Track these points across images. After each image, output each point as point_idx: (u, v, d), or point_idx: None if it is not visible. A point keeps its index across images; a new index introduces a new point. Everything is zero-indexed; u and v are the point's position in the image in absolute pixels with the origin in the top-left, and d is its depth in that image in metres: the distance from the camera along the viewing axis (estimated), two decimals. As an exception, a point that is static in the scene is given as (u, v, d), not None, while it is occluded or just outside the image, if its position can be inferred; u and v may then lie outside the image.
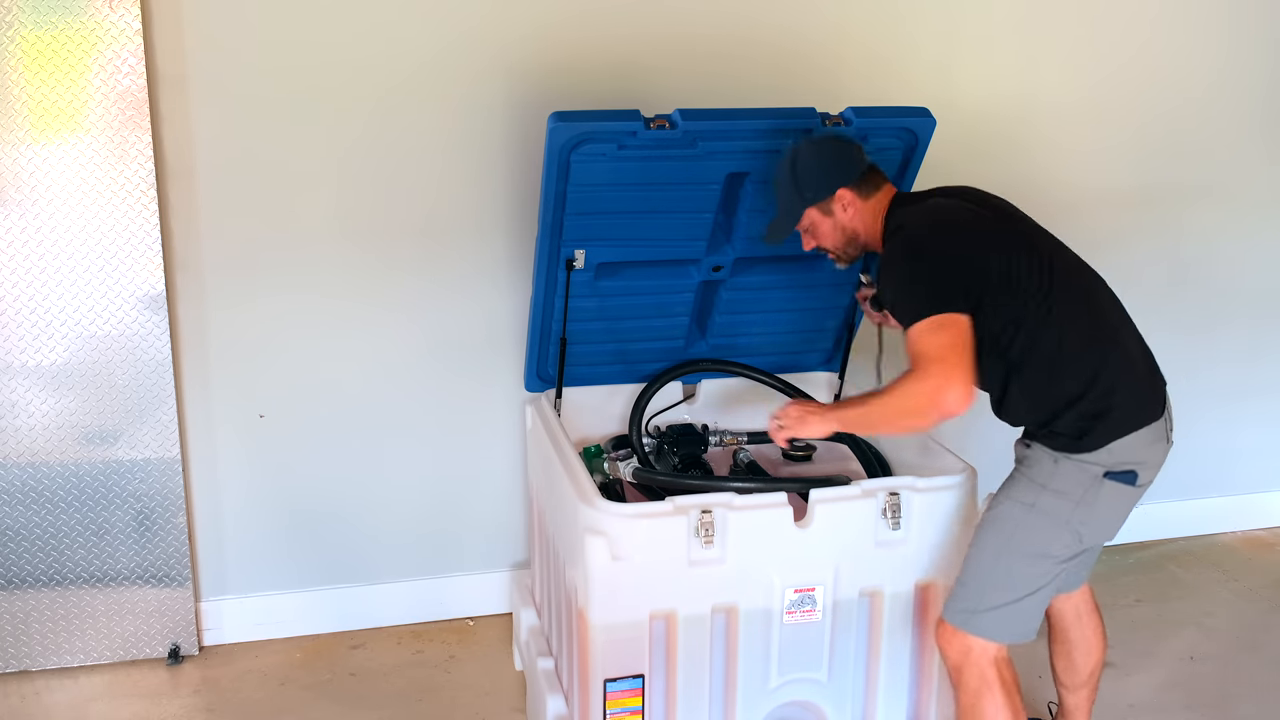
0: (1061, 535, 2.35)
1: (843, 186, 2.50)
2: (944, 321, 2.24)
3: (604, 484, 2.86)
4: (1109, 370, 2.33)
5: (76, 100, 2.91)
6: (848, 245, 2.57)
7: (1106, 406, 2.31)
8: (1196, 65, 3.69)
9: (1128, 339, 2.42)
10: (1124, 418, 2.32)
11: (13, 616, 3.18)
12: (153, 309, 3.07)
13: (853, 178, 2.50)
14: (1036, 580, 2.37)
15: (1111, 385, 2.32)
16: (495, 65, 3.15)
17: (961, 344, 2.23)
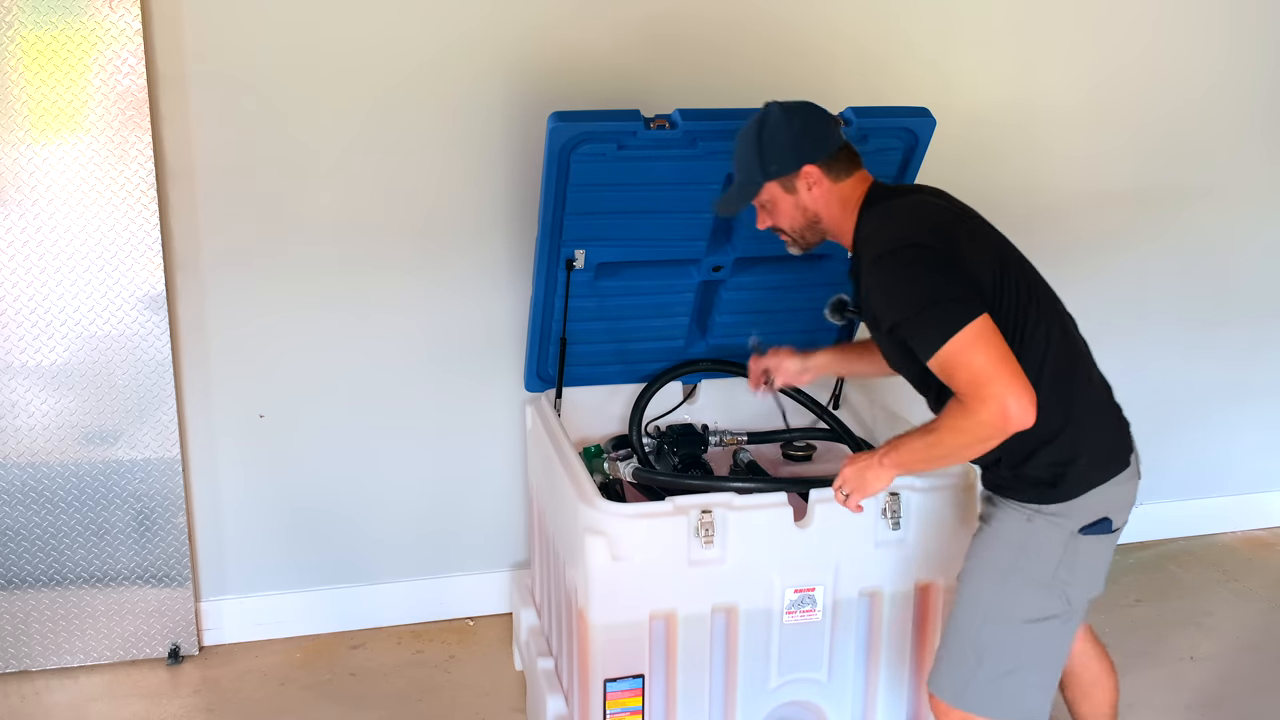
0: (1048, 599, 2.18)
1: (811, 163, 2.24)
2: (979, 333, 2.01)
3: (604, 484, 2.86)
4: (1083, 408, 2.18)
5: (76, 100, 2.91)
6: (807, 229, 2.33)
7: (1078, 452, 2.15)
8: (1196, 66, 3.69)
9: (1097, 375, 2.28)
10: (1097, 464, 2.17)
11: (13, 616, 3.18)
12: (153, 309, 3.07)
13: (823, 154, 2.24)
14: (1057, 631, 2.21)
15: (1085, 424, 2.17)
16: (495, 65, 3.16)
17: (1004, 350, 2.01)
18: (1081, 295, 3.80)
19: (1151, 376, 3.93)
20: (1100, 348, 3.91)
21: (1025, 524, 2.18)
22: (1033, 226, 3.70)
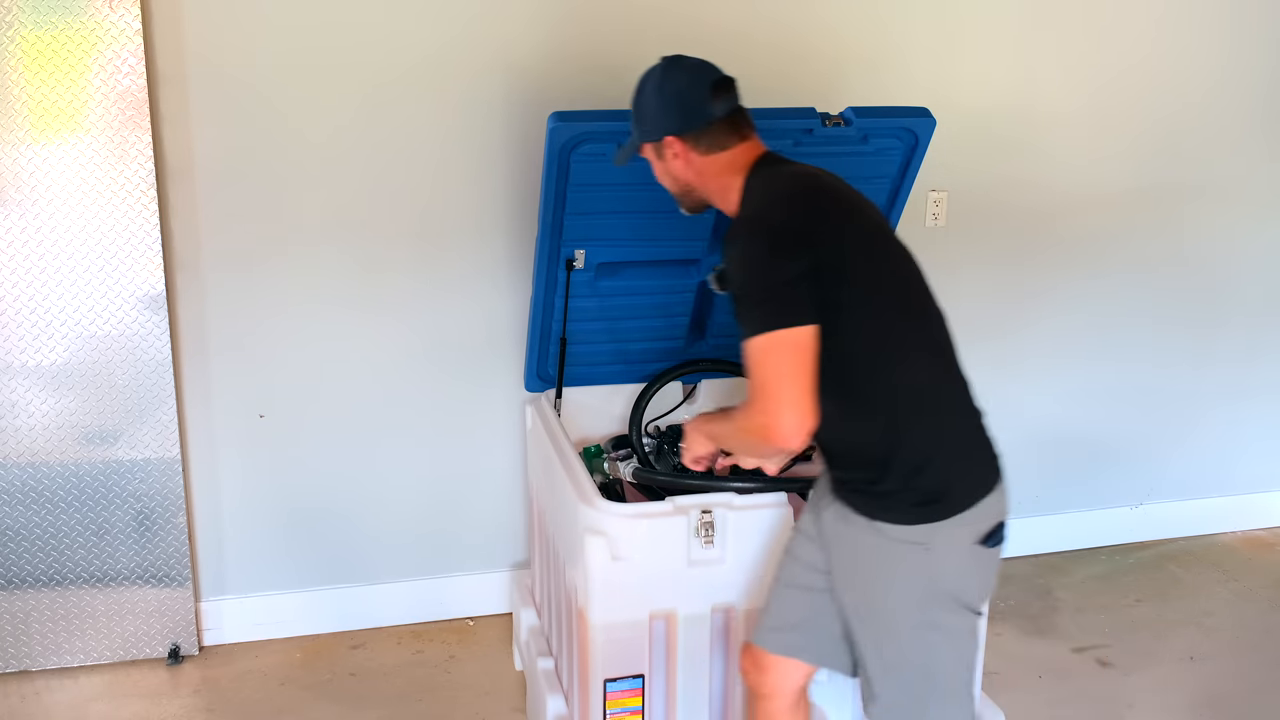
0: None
1: (672, 134, 2.11)
2: (784, 341, 1.86)
3: (604, 484, 2.86)
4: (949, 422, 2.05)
5: (76, 100, 2.91)
6: (682, 194, 2.21)
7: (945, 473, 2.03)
8: (1197, 66, 3.69)
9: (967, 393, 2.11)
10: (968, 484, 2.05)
11: (13, 616, 3.18)
12: (153, 309, 3.07)
13: (691, 127, 2.10)
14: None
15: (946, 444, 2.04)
16: (495, 66, 3.15)
17: (800, 367, 1.86)
18: (1081, 295, 3.82)
19: (1152, 376, 3.94)
20: (1100, 348, 3.94)
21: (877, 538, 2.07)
22: (1033, 226, 3.71)
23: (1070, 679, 3.24)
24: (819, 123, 2.66)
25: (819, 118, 2.67)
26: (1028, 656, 3.34)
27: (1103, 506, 4.02)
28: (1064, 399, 3.87)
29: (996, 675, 3.19)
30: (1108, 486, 4.01)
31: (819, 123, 2.66)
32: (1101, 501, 4.02)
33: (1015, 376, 3.80)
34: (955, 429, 2.06)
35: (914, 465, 1.99)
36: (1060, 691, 3.17)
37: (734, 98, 2.15)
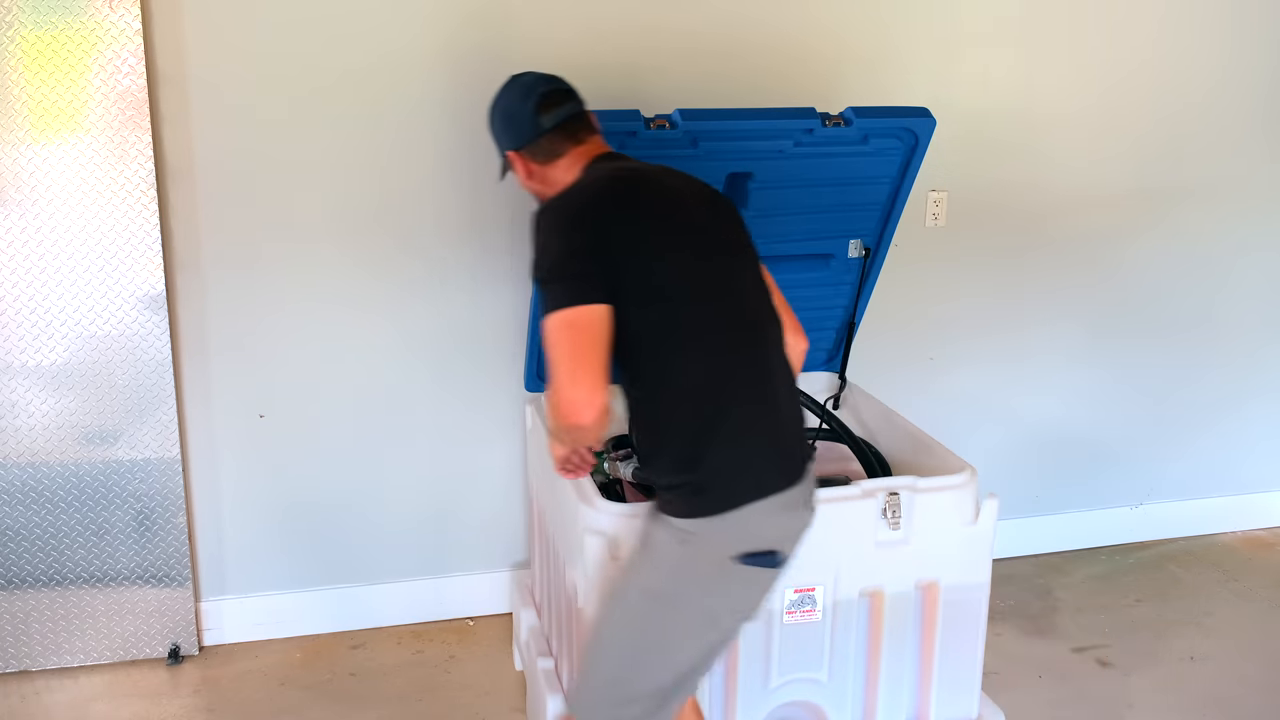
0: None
1: (510, 150, 2.24)
2: (574, 320, 1.91)
3: (604, 484, 2.86)
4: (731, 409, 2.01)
5: (76, 100, 2.91)
6: (539, 200, 2.24)
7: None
8: (1199, 68, 3.69)
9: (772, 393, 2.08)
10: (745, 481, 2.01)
11: (13, 616, 3.18)
12: (153, 309, 3.07)
13: (523, 141, 2.20)
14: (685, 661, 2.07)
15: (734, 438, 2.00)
16: (496, 65, 3.15)
17: (589, 345, 1.91)
18: (1081, 295, 3.82)
19: (1152, 376, 3.94)
20: (1100, 348, 3.94)
21: (679, 546, 2.05)
22: (1033, 227, 3.71)
23: (1070, 679, 3.24)
24: (819, 123, 2.66)
25: (819, 118, 2.67)
26: (1028, 656, 3.34)
27: (1103, 506, 4.03)
28: (1064, 399, 3.87)
29: (996, 675, 3.19)
30: (1108, 486, 4.01)
31: (819, 123, 2.66)
32: (1101, 501, 4.02)
33: (1015, 376, 3.80)
34: (734, 424, 2.01)
35: (685, 457, 2.00)
36: (1060, 691, 3.17)
37: (567, 108, 2.24)
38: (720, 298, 2.06)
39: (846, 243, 3.01)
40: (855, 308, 3.15)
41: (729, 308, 2.06)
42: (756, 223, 2.83)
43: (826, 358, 3.28)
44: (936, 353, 3.71)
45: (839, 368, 3.25)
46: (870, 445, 2.98)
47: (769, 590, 2.09)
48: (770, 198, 2.81)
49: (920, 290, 3.62)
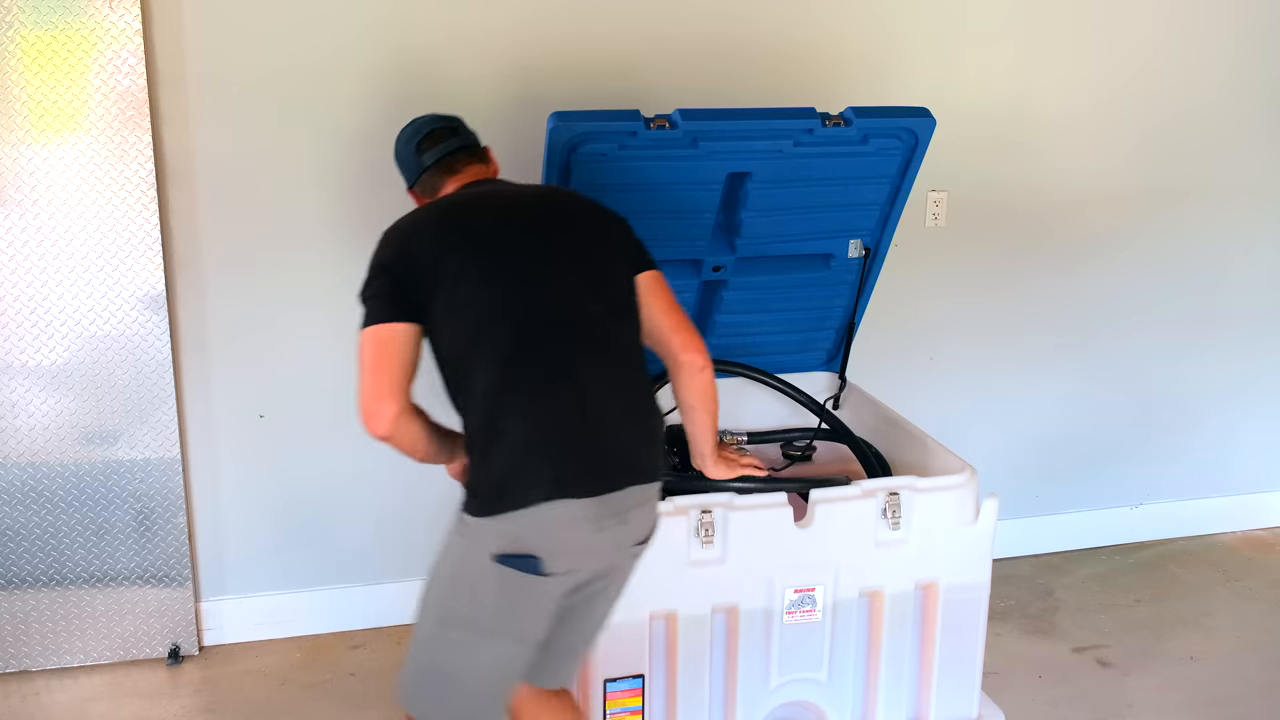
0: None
1: (408, 189, 2.44)
2: (374, 338, 2.05)
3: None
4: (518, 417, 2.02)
5: (76, 100, 2.91)
6: None
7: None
8: (1200, 70, 3.69)
9: (585, 397, 2.06)
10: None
11: (13, 616, 3.18)
12: (153, 309, 3.07)
13: (412, 180, 2.40)
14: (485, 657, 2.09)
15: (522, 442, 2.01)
16: (495, 65, 3.16)
17: (384, 362, 2.04)
18: (1081, 296, 3.82)
19: (1152, 376, 3.94)
20: (1100, 348, 3.94)
21: (458, 534, 2.10)
22: (1033, 227, 3.71)
23: (1070, 679, 3.24)
24: (819, 123, 2.66)
25: (819, 118, 2.67)
26: (1028, 656, 3.34)
27: (1103, 506, 4.02)
28: (1064, 399, 3.87)
29: (996, 675, 3.18)
30: (1108, 486, 4.01)
31: (819, 123, 2.66)
32: (1101, 501, 4.02)
33: (1015, 376, 3.80)
34: (517, 432, 2.02)
35: (473, 461, 2.07)
36: (1060, 691, 3.17)
37: (446, 144, 2.36)
38: (528, 313, 2.08)
39: (846, 243, 3.01)
40: (855, 308, 3.15)
41: (537, 322, 2.07)
42: (756, 223, 2.85)
43: (826, 358, 3.28)
44: (936, 353, 3.71)
45: (839, 368, 3.25)
46: (870, 445, 2.98)
47: (535, 599, 2.05)
48: (770, 197, 2.81)
49: (920, 290, 3.62)
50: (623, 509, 2.06)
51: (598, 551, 2.08)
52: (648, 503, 2.13)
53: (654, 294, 2.23)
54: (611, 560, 2.13)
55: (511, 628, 2.07)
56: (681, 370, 2.25)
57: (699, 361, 2.24)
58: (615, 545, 2.10)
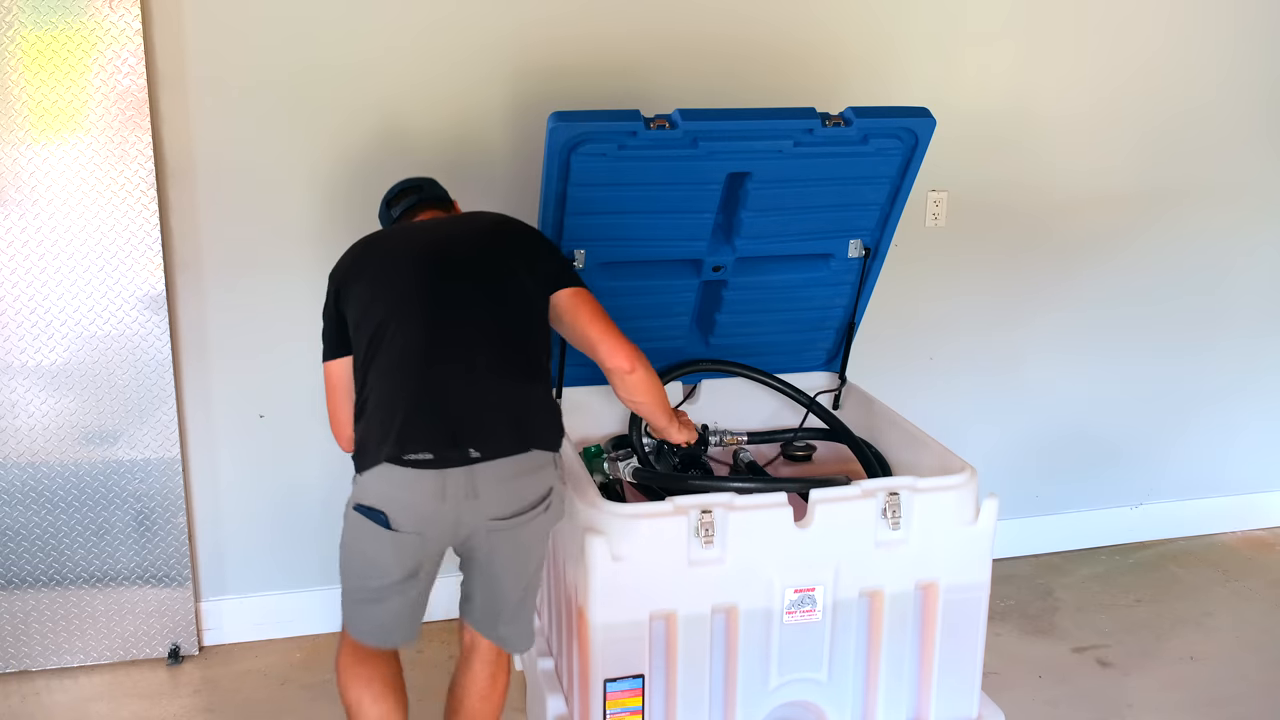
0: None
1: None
2: (328, 372, 2.47)
3: (604, 484, 2.86)
4: (380, 397, 2.31)
5: (76, 100, 2.91)
6: None
7: (367, 434, 2.33)
8: (1200, 70, 3.69)
9: (424, 370, 2.29)
10: (370, 449, 2.31)
11: (13, 616, 3.18)
12: (153, 309, 3.07)
13: (386, 227, 2.68)
14: (365, 586, 2.45)
15: (377, 412, 2.30)
16: (495, 65, 3.16)
17: (336, 394, 2.48)
18: (1081, 296, 3.83)
19: (1152, 376, 3.94)
20: (1099, 348, 3.94)
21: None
22: (1033, 227, 3.71)
23: (1070, 679, 3.24)
24: (819, 123, 2.66)
25: (819, 118, 2.67)
26: (1028, 656, 3.34)
27: (1103, 506, 4.03)
28: (1064, 399, 3.87)
29: (996, 675, 3.19)
30: (1108, 486, 4.01)
31: (819, 123, 2.66)
32: (1101, 501, 4.02)
33: (1015, 376, 3.80)
34: (389, 414, 2.30)
35: (358, 424, 2.39)
36: (1060, 691, 3.17)
37: (409, 199, 2.67)
38: (409, 305, 2.34)
39: (846, 243, 3.01)
40: (855, 308, 3.15)
41: (416, 313, 2.33)
42: (757, 223, 2.84)
43: (826, 358, 3.28)
44: (936, 353, 3.71)
45: (839, 367, 3.25)
46: (870, 445, 2.98)
47: (391, 547, 2.34)
48: (770, 197, 2.81)
49: (920, 290, 3.62)
50: (470, 484, 2.25)
51: (443, 520, 2.29)
52: (509, 480, 2.28)
53: (575, 310, 2.44)
54: (469, 529, 2.31)
55: (376, 567, 2.40)
56: (612, 376, 2.48)
57: (625, 366, 2.44)
58: (463, 516, 2.28)
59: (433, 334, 2.31)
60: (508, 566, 2.39)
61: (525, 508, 2.31)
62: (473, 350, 2.31)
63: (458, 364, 2.29)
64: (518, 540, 2.35)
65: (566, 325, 2.46)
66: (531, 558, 2.40)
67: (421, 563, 2.38)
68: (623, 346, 2.44)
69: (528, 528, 2.33)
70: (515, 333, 2.38)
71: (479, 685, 2.51)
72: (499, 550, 2.36)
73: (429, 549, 2.36)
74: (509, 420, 2.29)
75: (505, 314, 2.37)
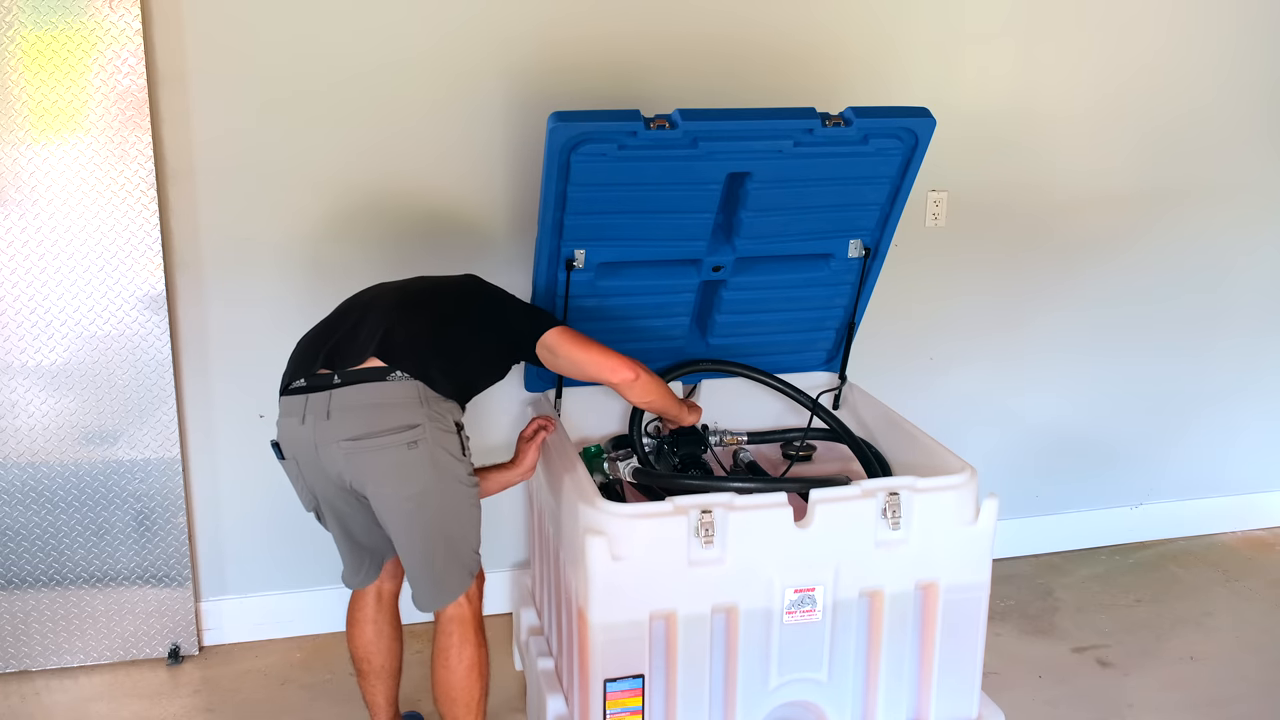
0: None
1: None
2: None
3: (604, 484, 2.86)
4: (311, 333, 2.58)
5: (76, 100, 2.91)
6: None
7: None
8: (1200, 70, 3.69)
9: (331, 323, 2.56)
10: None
11: (13, 616, 3.18)
12: (153, 309, 3.07)
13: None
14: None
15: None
16: (495, 65, 3.16)
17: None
18: (1081, 296, 3.83)
19: (1152, 376, 3.94)
20: (1100, 348, 3.94)
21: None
22: (1033, 227, 3.72)
23: (1070, 679, 3.24)
24: (819, 123, 2.66)
25: (819, 118, 2.67)
26: (1028, 656, 3.34)
27: (1103, 506, 4.03)
28: (1064, 399, 3.87)
29: (996, 675, 3.19)
30: (1108, 486, 4.01)
31: (819, 123, 2.66)
32: (1101, 501, 4.02)
33: (1015, 376, 3.80)
34: (296, 358, 2.57)
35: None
36: (1060, 691, 3.17)
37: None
38: (343, 317, 2.59)
39: (846, 243, 3.01)
40: (855, 308, 3.15)
41: (360, 303, 2.61)
42: (757, 223, 2.84)
43: (826, 358, 3.28)
44: (936, 353, 3.71)
45: (839, 367, 3.25)
46: (870, 445, 2.98)
47: (293, 478, 2.54)
48: (770, 197, 2.81)
49: (920, 290, 3.62)
50: (326, 406, 2.41)
51: (305, 443, 2.44)
52: (365, 407, 2.40)
53: (561, 350, 2.60)
54: (330, 458, 2.42)
55: (309, 503, 2.58)
56: (619, 389, 2.65)
57: (629, 376, 2.60)
58: (320, 438, 2.41)
59: (364, 300, 2.59)
60: (389, 511, 2.44)
61: (378, 431, 2.37)
62: (389, 312, 2.52)
63: (364, 311, 2.53)
64: (380, 469, 2.39)
65: (562, 361, 2.61)
66: (409, 499, 2.42)
67: (316, 497, 2.55)
68: (619, 360, 2.59)
69: (386, 454, 2.38)
70: (442, 328, 2.53)
71: (438, 653, 2.57)
72: (369, 480, 2.41)
73: (307, 477, 2.50)
74: (380, 351, 2.43)
75: (443, 325, 2.54)
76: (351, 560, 2.71)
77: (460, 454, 2.46)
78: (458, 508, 2.47)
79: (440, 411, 2.44)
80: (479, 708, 2.55)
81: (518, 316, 2.66)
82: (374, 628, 2.75)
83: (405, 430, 2.38)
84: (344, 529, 2.62)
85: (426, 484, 2.41)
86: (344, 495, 2.51)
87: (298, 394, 2.47)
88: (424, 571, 2.51)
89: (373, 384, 2.41)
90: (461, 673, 2.54)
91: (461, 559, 2.51)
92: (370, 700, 2.79)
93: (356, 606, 2.77)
